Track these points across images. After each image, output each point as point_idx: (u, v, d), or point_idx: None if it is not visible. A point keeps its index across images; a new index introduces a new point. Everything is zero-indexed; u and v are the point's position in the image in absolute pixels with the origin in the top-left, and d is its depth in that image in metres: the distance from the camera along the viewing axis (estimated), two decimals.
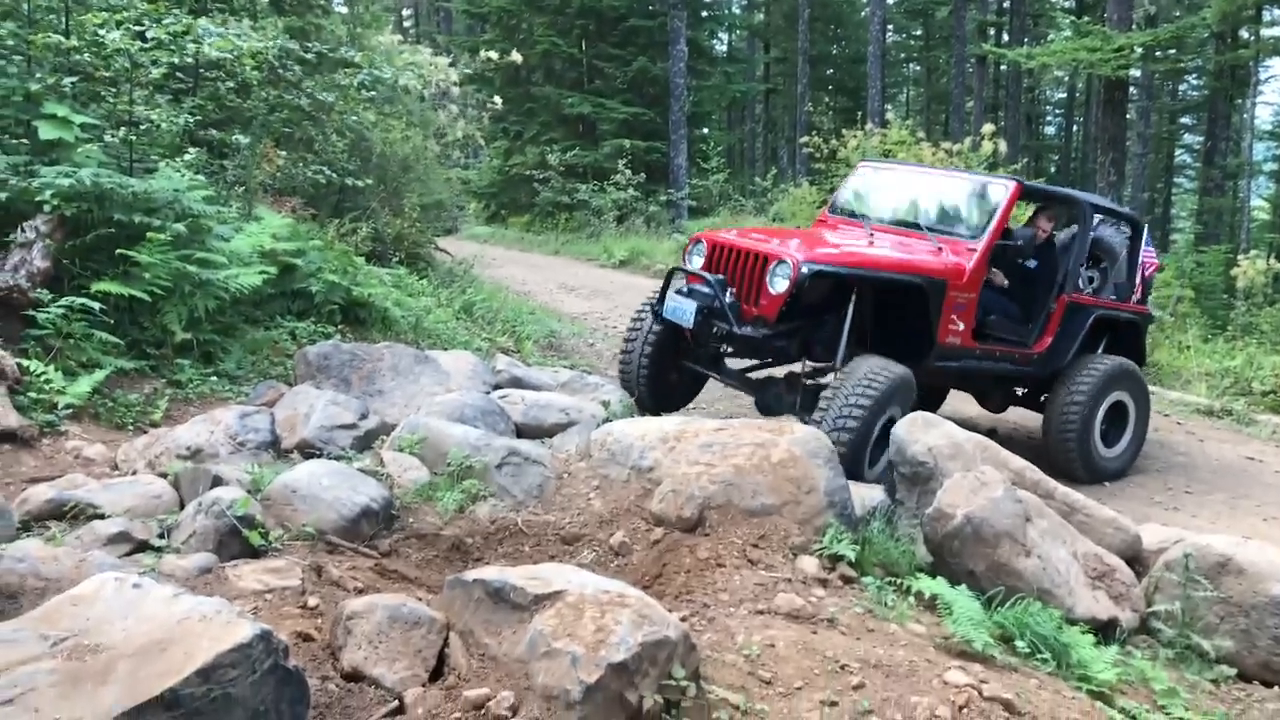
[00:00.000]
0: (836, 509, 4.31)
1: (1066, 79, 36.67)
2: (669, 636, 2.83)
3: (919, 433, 4.98)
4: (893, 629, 3.63)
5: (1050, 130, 45.32)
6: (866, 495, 4.89)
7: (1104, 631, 4.15)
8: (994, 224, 6.36)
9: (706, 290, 6.00)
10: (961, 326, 6.20)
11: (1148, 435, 7.17)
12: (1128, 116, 21.86)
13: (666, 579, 3.85)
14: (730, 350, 6.62)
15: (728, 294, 5.87)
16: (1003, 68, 33.83)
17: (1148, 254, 7.58)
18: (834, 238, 6.67)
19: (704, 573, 3.81)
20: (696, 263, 6.28)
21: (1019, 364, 6.70)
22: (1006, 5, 35.15)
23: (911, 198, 6.97)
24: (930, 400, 6.53)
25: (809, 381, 6.35)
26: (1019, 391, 7.32)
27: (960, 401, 7.86)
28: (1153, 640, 4.33)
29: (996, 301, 6.71)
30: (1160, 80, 30.60)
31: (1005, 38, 34.16)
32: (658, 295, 6.42)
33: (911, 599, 3.92)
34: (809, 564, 3.98)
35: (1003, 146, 15.94)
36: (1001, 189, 6.53)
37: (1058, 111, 44.22)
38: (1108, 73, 16.37)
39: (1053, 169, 38.55)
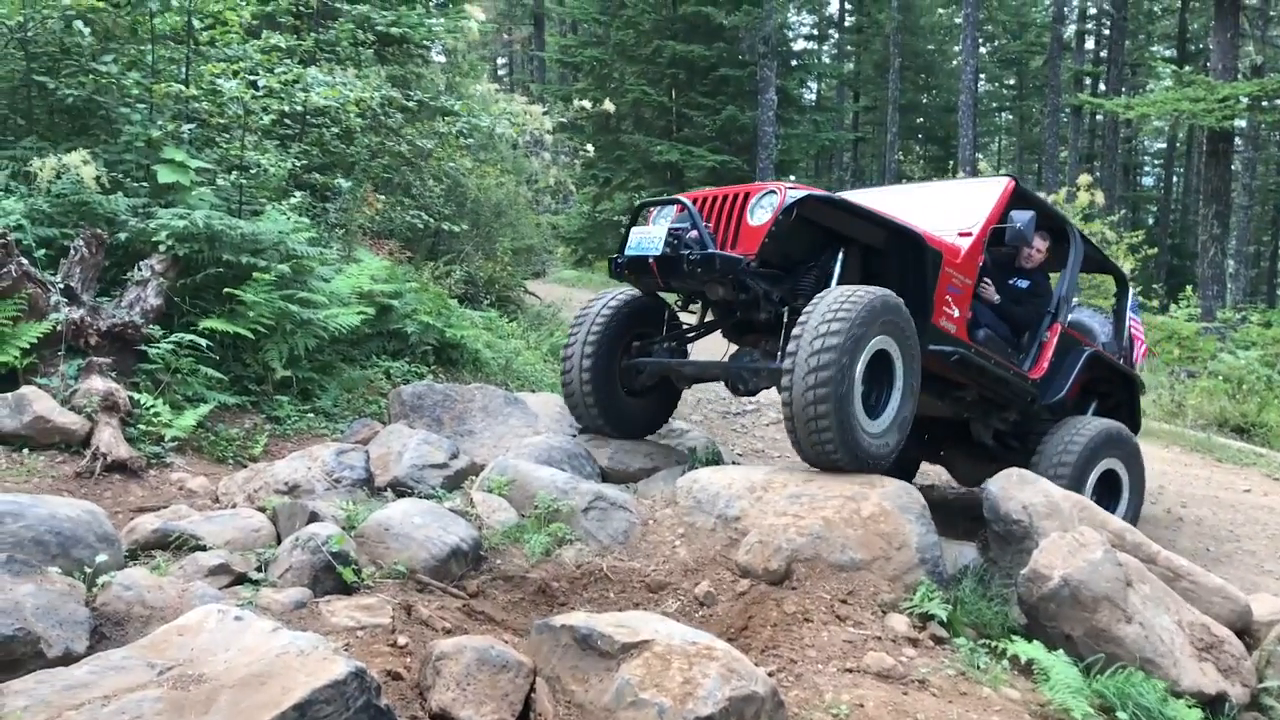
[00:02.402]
0: (928, 566, 4.22)
1: (1167, 129, 35.82)
2: (757, 692, 2.80)
3: (1014, 489, 4.86)
4: (986, 693, 3.53)
5: (1148, 181, 44.27)
6: (958, 553, 4.78)
7: (1212, 706, 3.97)
8: (988, 213, 5.94)
9: (679, 224, 5.38)
10: (956, 313, 5.66)
11: (1256, 501, 6.85)
12: (1232, 168, 21.22)
13: (753, 632, 3.81)
14: (698, 299, 5.86)
15: (705, 224, 5.19)
16: (1099, 117, 33.27)
17: (1135, 323, 7.13)
18: None
19: (791, 627, 3.76)
20: (667, 219, 5.60)
21: (1017, 381, 6.03)
22: (1104, 54, 34.64)
23: (897, 210, 6.17)
24: (900, 473, 5.87)
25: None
26: (993, 461, 6.53)
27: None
28: (1264, 718, 4.12)
29: (988, 318, 6.22)
30: (1267, 131, 29.67)
31: (1102, 87, 33.59)
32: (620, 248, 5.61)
33: (1005, 662, 3.81)
34: (899, 622, 3.89)
35: (1100, 198, 15.63)
36: (994, 184, 6.21)
37: (1156, 162, 43.22)
38: (1211, 124, 15.98)
39: (1151, 220, 37.60)
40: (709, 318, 6.01)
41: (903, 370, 5.03)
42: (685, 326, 6.05)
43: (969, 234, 5.84)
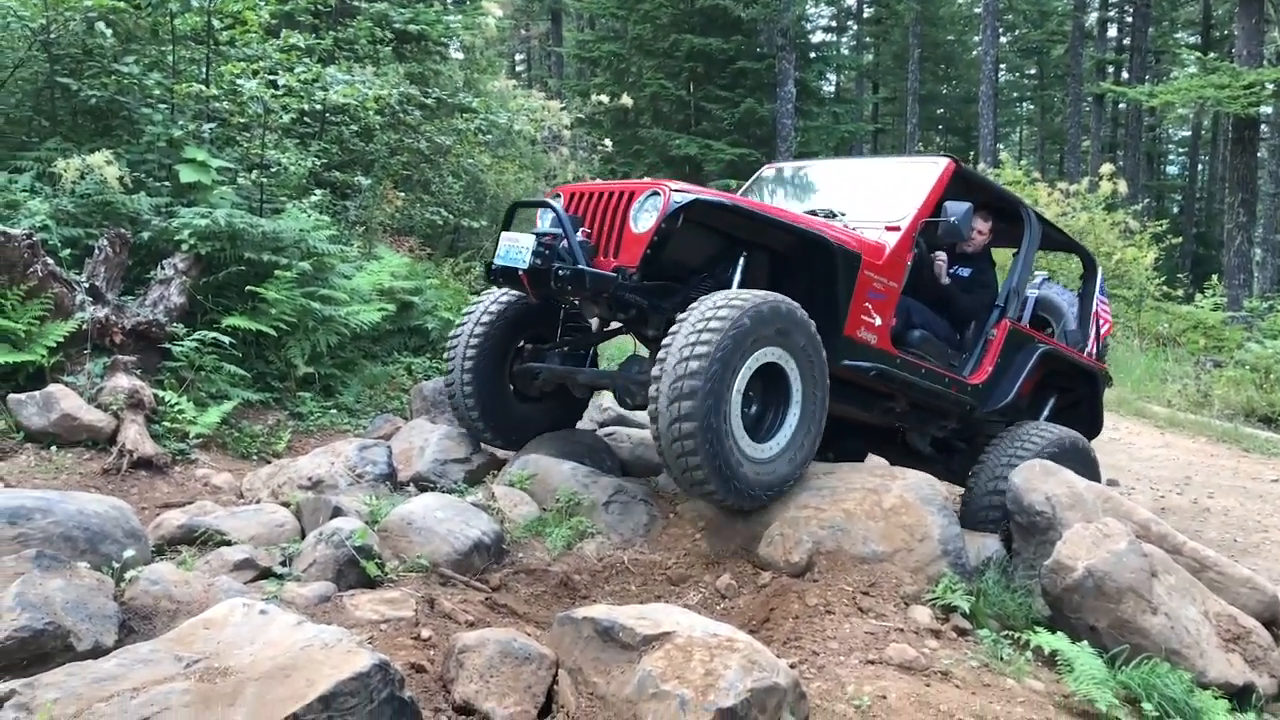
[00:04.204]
0: (950, 558, 4.21)
1: (1191, 117, 35.43)
2: (779, 683, 2.80)
3: (1037, 480, 4.82)
4: (1010, 684, 3.51)
5: (1173, 170, 43.81)
6: (981, 545, 4.76)
7: (1239, 698, 3.93)
8: (921, 203, 5.23)
9: (551, 230, 4.71)
10: (878, 321, 4.98)
11: None
12: (1259, 155, 20.98)
13: (774, 624, 3.80)
14: (576, 318, 5.35)
15: (579, 233, 4.56)
16: (1121, 106, 32.98)
17: (1102, 304, 6.47)
18: None
19: (813, 619, 3.75)
20: (548, 223, 4.84)
21: (952, 391, 5.38)
22: (1126, 42, 34.27)
23: (828, 191, 5.76)
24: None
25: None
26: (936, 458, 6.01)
27: None
28: None
29: (923, 315, 5.61)
30: None
31: (1124, 75, 33.26)
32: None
33: (1029, 654, 3.78)
34: (921, 614, 3.88)
35: (1123, 187, 15.47)
36: (930, 166, 5.48)
37: (1181, 150, 42.76)
38: (1237, 110, 15.82)
39: (1176, 209, 37.22)
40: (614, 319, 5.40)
41: (801, 387, 4.48)
42: (585, 328, 5.51)
43: (897, 229, 5.17)
